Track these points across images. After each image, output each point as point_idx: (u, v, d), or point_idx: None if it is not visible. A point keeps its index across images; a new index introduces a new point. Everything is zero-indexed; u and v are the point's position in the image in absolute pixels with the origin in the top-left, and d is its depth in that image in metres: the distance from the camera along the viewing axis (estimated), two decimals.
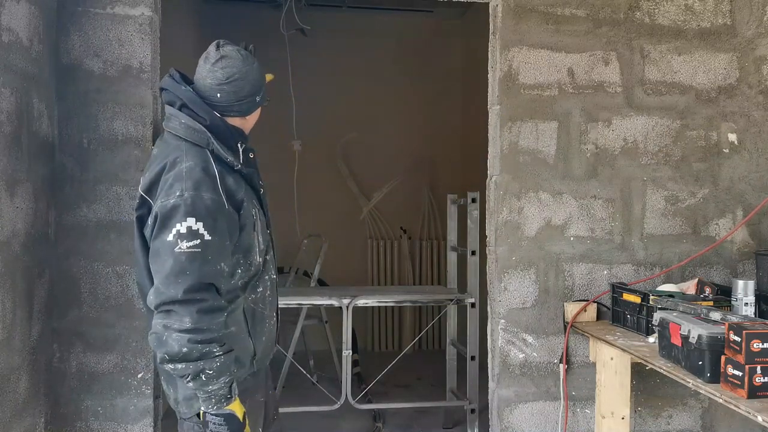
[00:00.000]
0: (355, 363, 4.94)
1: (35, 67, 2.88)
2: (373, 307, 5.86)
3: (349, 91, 6.54)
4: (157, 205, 2.03)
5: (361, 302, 4.12)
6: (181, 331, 1.93)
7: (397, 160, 6.72)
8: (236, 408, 2.03)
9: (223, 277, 2.04)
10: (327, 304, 4.17)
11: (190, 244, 1.98)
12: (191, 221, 1.98)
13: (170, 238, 1.98)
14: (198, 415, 2.11)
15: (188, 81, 2.21)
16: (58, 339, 3.10)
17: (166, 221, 2.00)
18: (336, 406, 4.01)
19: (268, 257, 2.26)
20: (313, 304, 4.61)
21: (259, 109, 2.29)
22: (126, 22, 3.14)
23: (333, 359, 5.20)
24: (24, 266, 2.79)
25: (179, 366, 1.96)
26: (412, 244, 6.89)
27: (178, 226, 1.98)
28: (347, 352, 3.97)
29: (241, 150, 2.18)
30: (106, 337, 3.12)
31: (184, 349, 1.94)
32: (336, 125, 6.57)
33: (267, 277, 2.25)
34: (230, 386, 2.01)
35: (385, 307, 6.66)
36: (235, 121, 2.21)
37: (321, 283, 5.54)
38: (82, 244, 3.11)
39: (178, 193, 2.00)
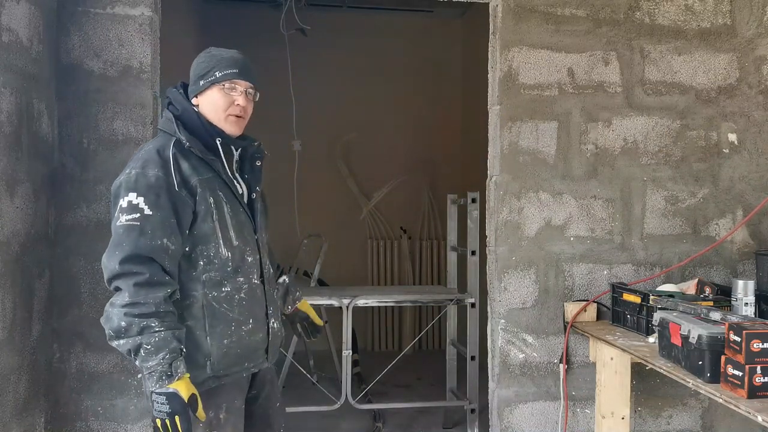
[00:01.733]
0: (355, 363, 4.94)
1: (35, 67, 2.88)
2: (373, 307, 5.85)
3: (349, 91, 6.54)
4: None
5: (361, 302, 4.12)
6: (121, 306, 1.97)
7: (397, 160, 6.72)
8: (180, 387, 1.97)
9: (167, 254, 2.03)
10: (327, 304, 4.16)
11: (129, 217, 2.03)
12: (132, 196, 2.04)
13: (115, 213, 2.06)
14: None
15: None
16: (58, 339, 3.10)
17: (114, 199, 2.09)
18: (336, 406, 4.01)
19: (250, 259, 2.22)
20: (313, 304, 4.60)
21: (212, 92, 2.20)
22: (126, 22, 3.14)
23: (333, 359, 5.20)
24: (24, 266, 2.79)
25: (121, 342, 1.97)
26: (412, 244, 6.88)
27: (121, 201, 2.05)
28: (347, 352, 3.97)
29: (219, 144, 2.19)
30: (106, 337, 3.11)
31: (122, 323, 1.96)
32: (336, 125, 6.57)
33: (242, 279, 2.19)
34: (170, 363, 1.96)
35: (385, 307, 6.66)
36: (202, 111, 2.21)
37: (321, 283, 5.54)
38: (82, 244, 3.11)
39: (127, 171, 2.09)
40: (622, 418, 3.16)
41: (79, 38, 3.12)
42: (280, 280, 2.57)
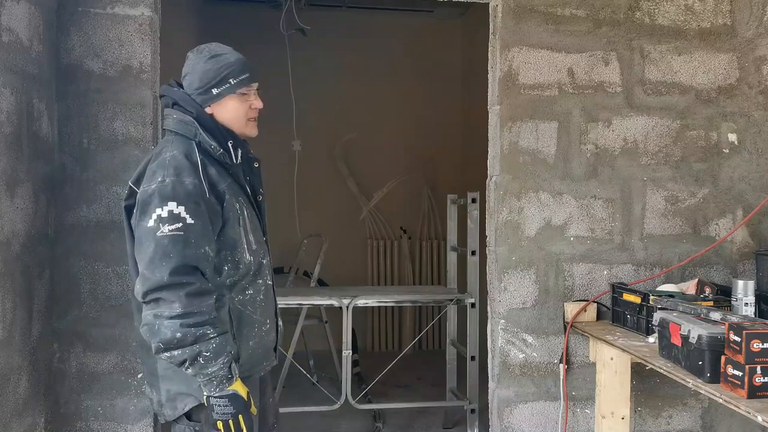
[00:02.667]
0: (355, 363, 4.94)
1: (35, 67, 2.88)
2: (373, 307, 5.86)
3: (349, 91, 6.54)
4: (139, 192, 2.07)
5: (361, 302, 4.12)
6: (172, 317, 1.94)
7: (397, 160, 6.72)
8: (239, 388, 2.03)
9: (208, 261, 2.04)
10: (327, 304, 4.17)
11: (172, 227, 1.99)
12: (172, 205, 2.00)
13: (151, 223, 2.01)
14: (186, 415, 2.13)
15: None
16: (58, 339, 3.10)
17: (145, 207, 2.03)
18: (336, 406, 4.01)
19: (264, 261, 2.25)
20: (313, 304, 4.61)
21: (230, 101, 2.20)
22: (126, 22, 3.14)
23: (333, 359, 5.20)
24: (24, 266, 2.79)
25: (176, 353, 1.96)
26: (412, 244, 6.89)
27: (158, 210, 2.00)
28: (347, 352, 3.97)
29: (231, 147, 2.18)
30: (106, 337, 3.12)
31: (178, 335, 1.94)
32: (336, 125, 6.57)
33: (261, 281, 2.23)
34: (229, 366, 2.01)
35: (385, 307, 6.66)
36: (219, 117, 2.20)
37: (321, 283, 5.54)
38: (82, 244, 3.11)
39: (159, 179, 2.04)
40: (622, 418, 3.16)
41: (79, 38, 3.12)
42: None
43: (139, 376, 3.13)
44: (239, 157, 2.21)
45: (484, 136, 3.66)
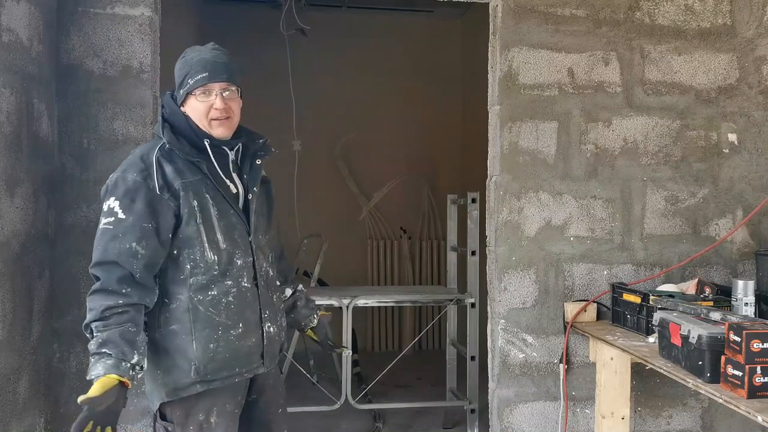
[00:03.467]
0: (355, 363, 4.94)
1: (35, 67, 2.88)
2: (373, 307, 5.85)
3: (349, 91, 6.54)
4: None
5: (361, 302, 4.12)
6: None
7: (397, 160, 6.72)
8: (97, 384, 1.97)
9: (136, 258, 2.04)
10: (327, 304, 4.16)
11: (105, 221, 2.08)
12: (111, 200, 2.09)
13: (100, 218, 2.12)
14: (160, 414, 2.16)
15: None
16: (58, 339, 3.10)
17: (102, 204, 2.13)
18: (336, 406, 4.01)
19: (240, 262, 2.18)
20: None
21: (190, 101, 2.18)
22: (126, 22, 3.14)
23: (333, 359, 5.20)
24: (24, 266, 2.79)
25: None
26: (412, 244, 6.88)
27: (103, 206, 2.10)
28: (347, 353, 3.97)
29: (207, 145, 2.18)
30: None
31: (85, 322, 2.04)
32: (336, 125, 6.57)
33: (230, 282, 2.15)
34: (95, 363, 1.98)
35: (385, 307, 6.66)
36: (191, 117, 2.20)
37: (321, 283, 5.54)
38: (82, 244, 3.10)
39: (111, 176, 2.13)
40: (622, 418, 3.16)
41: (79, 38, 3.12)
42: (297, 289, 2.56)
43: (139, 376, 3.11)
44: (222, 154, 2.21)
45: (484, 136, 3.66)
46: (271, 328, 2.26)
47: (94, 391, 1.94)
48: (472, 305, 4.15)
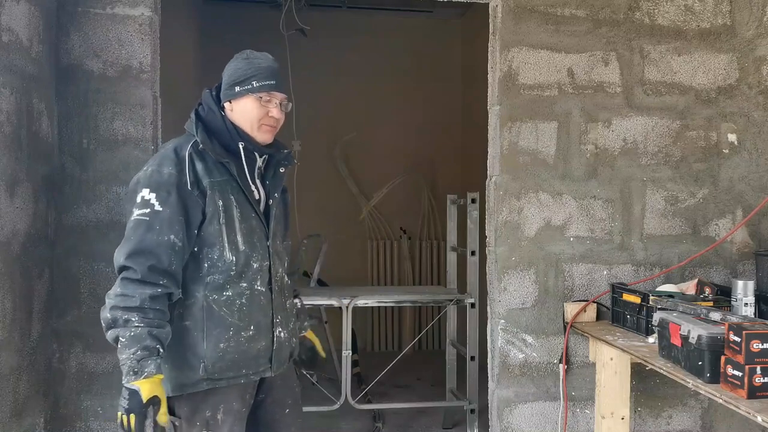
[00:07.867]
0: (355, 363, 4.94)
1: (35, 67, 2.88)
2: (373, 307, 5.86)
3: (349, 91, 6.54)
4: None
5: (361, 302, 4.12)
6: (110, 298, 2.02)
7: (397, 160, 6.72)
8: (144, 387, 1.97)
9: (173, 250, 2.06)
10: (327, 304, 4.16)
11: (140, 212, 2.07)
12: (145, 191, 2.09)
13: (131, 208, 2.10)
14: (168, 409, 2.12)
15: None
16: (58, 339, 3.10)
17: (131, 195, 2.12)
18: (336, 406, 4.01)
19: (256, 265, 2.20)
20: (313, 304, 4.60)
21: (247, 101, 2.21)
22: (126, 22, 3.14)
23: (333, 359, 5.20)
24: (24, 266, 2.79)
25: (108, 333, 2.02)
26: (411, 244, 6.89)
27: (136, 197, 2.09)
28: (347, 352, 3.97)
29: (241, 148, 2.20)
30: (105, 337, 3.11)
31: (108, 315, 2.01)
32: (336, 125, 6.58)
33: (245, 284, 2.17)
34: (139, 360, 1.97)
35: (385, 307, 6.66)
36: (232, 117, 2.22)
37: (321, 283, 5.54)
38: (82, 244, 3.11)
39: (144, 168, 2.14)
40: (622, 419, 3.16)
41: (78, 38, 3.12)
42: (295, 301, 2.53)
43: None
44: (252, 159, 2.23)
45: (484, 137, 3.66)
46: (282, 333, 2.27)
47: (158, 393, 2.01)
48: (472, 305, 4.15)
